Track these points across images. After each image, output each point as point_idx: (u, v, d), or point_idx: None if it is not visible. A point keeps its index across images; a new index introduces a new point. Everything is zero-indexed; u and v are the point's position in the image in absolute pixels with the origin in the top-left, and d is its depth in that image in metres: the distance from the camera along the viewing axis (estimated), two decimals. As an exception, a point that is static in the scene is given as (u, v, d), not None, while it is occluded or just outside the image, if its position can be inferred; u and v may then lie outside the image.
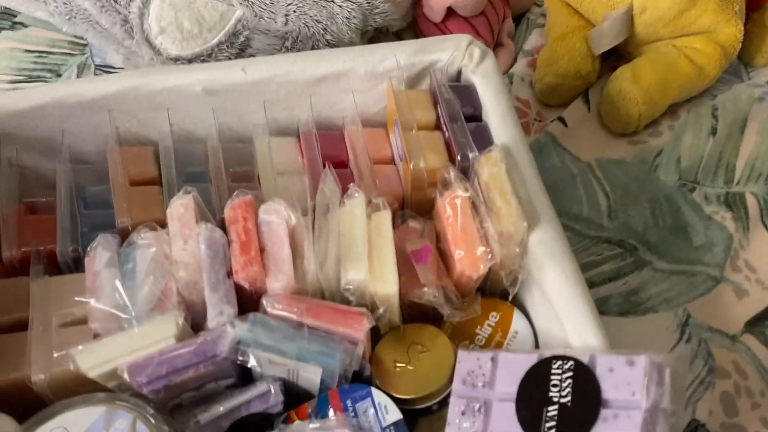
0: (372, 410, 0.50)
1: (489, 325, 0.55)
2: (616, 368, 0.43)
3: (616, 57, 0.81)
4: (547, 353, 0.46)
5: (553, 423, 0.43)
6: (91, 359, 0.46)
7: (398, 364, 0.52)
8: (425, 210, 0.59)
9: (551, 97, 0.79)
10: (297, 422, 0.50)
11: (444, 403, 0.51)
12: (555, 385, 0.45)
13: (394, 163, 0.62)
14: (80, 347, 0.46)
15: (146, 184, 0.58)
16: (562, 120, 0.78)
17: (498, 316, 0.56)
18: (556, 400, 0.44)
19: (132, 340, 0.47)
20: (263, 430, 0.51)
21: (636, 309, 0.66)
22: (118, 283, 0.49)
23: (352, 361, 0.49)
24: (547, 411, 0.44)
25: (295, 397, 0.51)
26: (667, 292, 0.67)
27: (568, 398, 0.44)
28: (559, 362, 0.45)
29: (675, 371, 0.43)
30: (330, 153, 0.60)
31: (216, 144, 0.60)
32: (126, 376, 0.46)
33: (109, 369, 0.46)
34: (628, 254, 0.69)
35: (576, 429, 0.42)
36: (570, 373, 0.45)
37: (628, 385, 0.42)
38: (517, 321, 0.55)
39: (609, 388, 0.43)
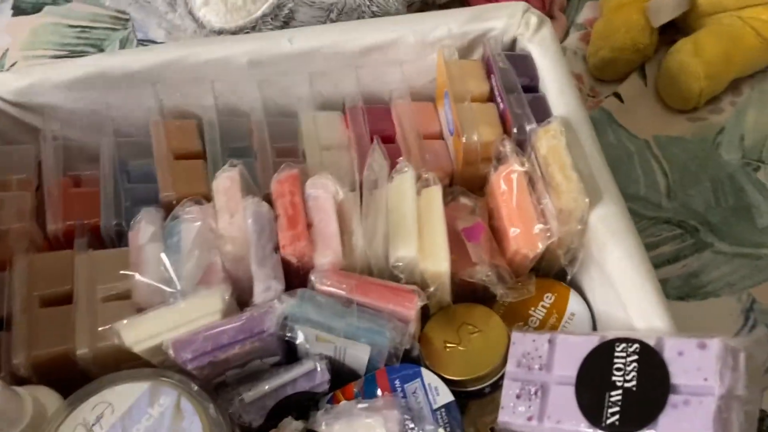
0: (422, 391, 0.48)
1: (543, 306, 0.53)
2: (686, 352, 0.41)
3: (673, 30, 0.77)
4: (610, 335, 0.44)
5: (617, 408, 0.41)
6: (136, 333, 0.45)
7: (448, 345, 0.50)
8: (476, 187, 0.56)
9: (606, 71, 0.75)
10: (344, 402, 0.48)
11: (496, 386, 0.49)
12: (619, 369, 0.42)
13: (443, 139, 0.60)
14: (125, 321, 0.45)
15: (190, 158, 0.57)
16: (617, 95, 0.74)
17: (553, 298, 0.53)
18: (620, 384, 0.42)
19: (177, 314, 0.46)
20: (308, 410, 0.49)
21: (696, 293, 0.63)
22: (164, 257, 0.47)
23: (403, 340, 0.47)
24: (610, 396, 0.42)
25: (340, 377, 0.50)
26: (729, 275, 0.64)
27: (633, 383, 0.41)
28: (623, 345, 0.43)
29: (750, 356, 0.40)
30: (376, 128, 0.58)
31: (261, 118, 0.59)
32: (171, 352, 0.45)
33: (154, 344, 0.45)
34: (689, 235, 0.66)
35: (642, 414, 0.40)
36: (635, 357, 0.42)
37: (699, 370, 0.40)
38: (574, 303, 0.53)
39: (678, 373, 0.40)
